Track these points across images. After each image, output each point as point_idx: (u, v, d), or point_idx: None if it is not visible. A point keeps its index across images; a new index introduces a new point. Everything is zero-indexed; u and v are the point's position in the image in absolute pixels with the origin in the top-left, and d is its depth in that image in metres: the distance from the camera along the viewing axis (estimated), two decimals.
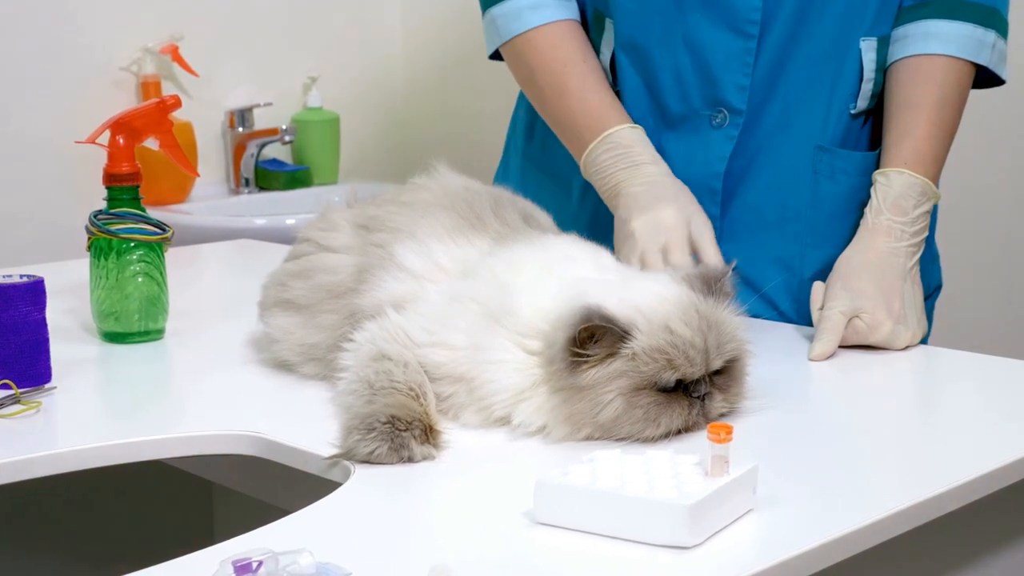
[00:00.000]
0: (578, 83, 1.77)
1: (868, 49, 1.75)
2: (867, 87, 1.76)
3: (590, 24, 1.84)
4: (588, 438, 1.27)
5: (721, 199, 1.76)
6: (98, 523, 1.97)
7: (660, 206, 1.64)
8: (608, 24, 1.81)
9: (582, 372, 1.25)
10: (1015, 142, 2.92)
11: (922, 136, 1.70)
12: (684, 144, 1.77)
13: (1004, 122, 2.89)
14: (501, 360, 1.29)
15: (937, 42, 1.72)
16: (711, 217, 1.70)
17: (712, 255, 1.61)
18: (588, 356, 1.25)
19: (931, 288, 1.88)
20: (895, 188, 1.67)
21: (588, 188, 1.80)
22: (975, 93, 1.78)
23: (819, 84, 1.75)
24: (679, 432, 1.27)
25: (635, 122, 1.75)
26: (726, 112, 1.75)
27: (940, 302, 1.91)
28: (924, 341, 1.88)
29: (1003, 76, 1.77)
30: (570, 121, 1.77)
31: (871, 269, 1.62)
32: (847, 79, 1.75)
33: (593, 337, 1.25)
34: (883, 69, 1.76)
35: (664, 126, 1.78)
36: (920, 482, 1.21)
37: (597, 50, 1.83)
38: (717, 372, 1.30)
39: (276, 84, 3.56)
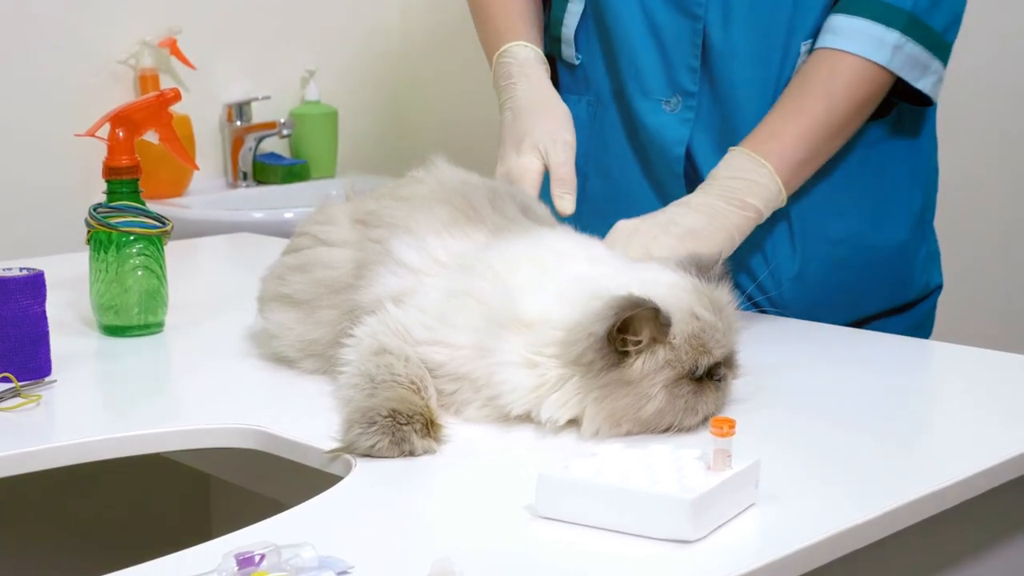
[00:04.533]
0: (496, 9, 1.84)
1: (804, 52, 1.73)
2: None
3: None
4: (627, 434, 1.27)
5: (686, 182, 1.76)
6: (95, 516, 1.97)
7: (511, 151, 1.70)
8: None
9: (627, 366, 1.25)
10: (1014, 138, 2.92)
11: (767, 118, 1.68)
12: (645, 126, 1.77)
13: (1003, 119, 2.89)
14: (512, 362, 1.29)
15: (832, 35, 1.68)
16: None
17: (556, 189, 1.65)
18: (629, 345, 1.25)
19: (932, 287, 1.88)
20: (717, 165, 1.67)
21: (582, 184, 1.80)
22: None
23: (764, 83, 1.74)
24: (711, 417, 1.27)
25: (602, 102, 1.77)
26: (679, 96, 1.75)
27: (944, 301, 1.91)
28: (926, 336, 1.88)
29: (918, 86, 1.70)
30: (487, 50, 1.83)
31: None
32: (785, 80, 1.74)
33: (634, 326, 1.25)
34: None
35: (629, 106, 1.79)
36: (922, 477, 1.21)
37: (560, 21, 1.84)
38: None
39: (274, 78, 3.56)
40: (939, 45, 1.71)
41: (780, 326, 1.69)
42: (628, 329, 1.25)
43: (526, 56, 1.78)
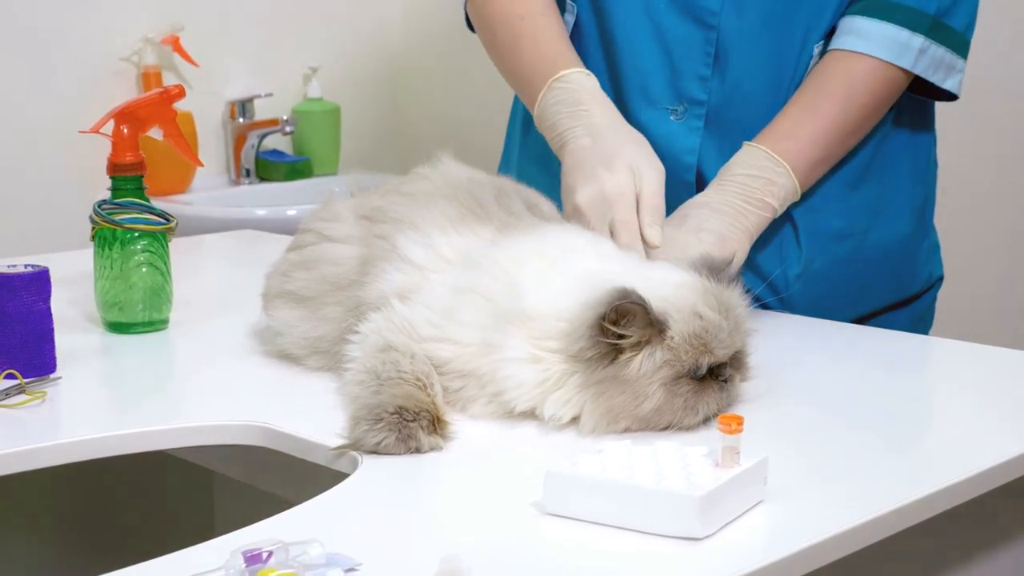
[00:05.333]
0: (531, 32, 1.75)
1: (817, 55, 1.73)
2: None
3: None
4: (626, 431, 1.27)
5: (696, 190, 1.75)
6: (99, 513, 1.96)
7: (601, 171, 1.59)
8: (569, 6, 1.81)
9: (624, 363, 1.25)
10: (1016, 133, 2.92)
11: (786, 116, 1.68)
12: (652, 135, 1.76)
13: (1005, 113, 2.89)
14: (518, 358, 1.28)
15: (854, 38, 1.69)
16: None
17: (646, 218, 1.56)
18: (619, 337, 1.25)
19: (933, 279, 1.88)
20: (733, 158, 1.67)
21: None
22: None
23: (778, 87, 1.73)
24: (713, 417, 1.27)
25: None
26: (686, 104, 1.75)
27: (944, 293, 1.91)
28: (927, 329, 1.88)
29: (944, 86, 1.72)
30: (524, 72, 1.75)
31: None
32: (798, 81, 1.74)
33: (624, 318, 1.24)
34: None
35: (632, 116, 1.78)
36: (929, 475, 1.21)
37: None
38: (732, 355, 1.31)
39: (276, 75, 3.56)
40: (962, 44, 1.73)
41: (783, 323, 1.69)
42: (619, 321, 1.25)
43: (592, 85, 1.69)
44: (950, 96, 1.76)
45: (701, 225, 1.59)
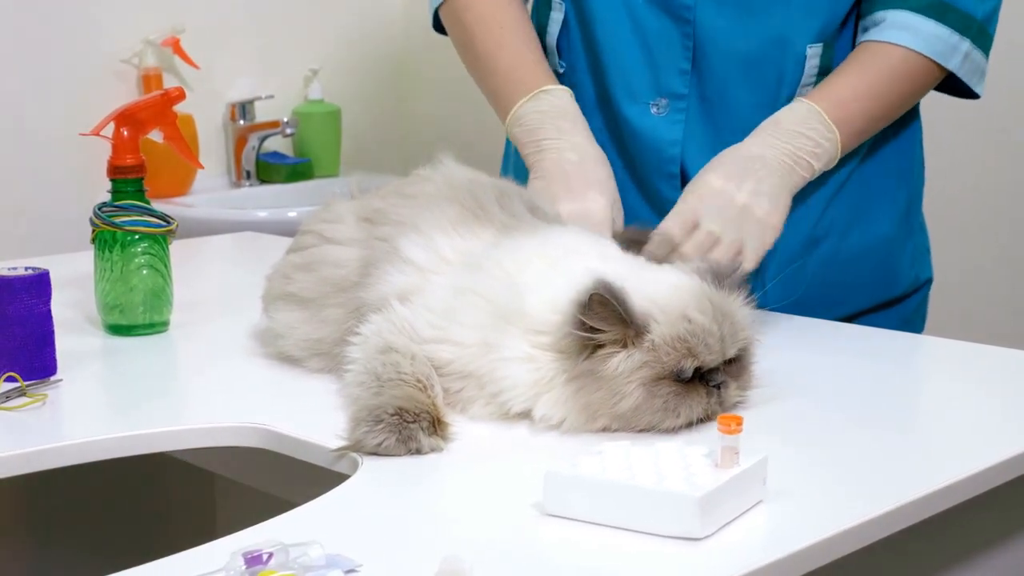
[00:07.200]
0: (515, 42, 1.79)
1: (813, 56, 1.74)
2: (805, 90, 1.75)
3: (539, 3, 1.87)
4: (604, 429, 1.27)
5: (680, 183, 1.75)
6: (99, 515, 1.97)
7: (590, 193, 1.63)
8: (556, 4, 1.82)
9: (602, 359, 1.25)
10: (1011, 133, 2.92)
11: (837, 84, 1.70)
12: (636, 129, 1.77)
13: (1001, 113, 2.89)
14: (515, 357, 1.29)
15: (907, 34, 1.70)
16: (670, 202, 1.69)
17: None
18: (596, 331, 1.25)
19: (921, 281, 1.88)
20: (783, 112, 1.68)
21: None
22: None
23: (760, 85, 1.74)
24: (698, 422, 1.27)
25: (586, 110, 1.75)
26: (666, 99, 1.76)
27: (937, 296, 1.91)
28: (918, 330, 1.87)
29: (976, 89, 1.75)
30: (504, 76, 1.78)
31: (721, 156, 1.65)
32: (789, 81, 1.75)
33: (602, 308, 1.24)
34: (826, 71, 1.75)
35: (616, 111, 1.78)
36: (929, 474, 1.21)
37: (544, 29, 1.84)
38: (729, 361, 1.30)
39: (277, 76, 3.56)
40: (989, 48, 1.75)
41: (781, 323, 1.69)
42: (596, 311, 1.24)
43: (565, 104, 1.72)
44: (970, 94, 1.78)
45: (758, 188, 1.59)
